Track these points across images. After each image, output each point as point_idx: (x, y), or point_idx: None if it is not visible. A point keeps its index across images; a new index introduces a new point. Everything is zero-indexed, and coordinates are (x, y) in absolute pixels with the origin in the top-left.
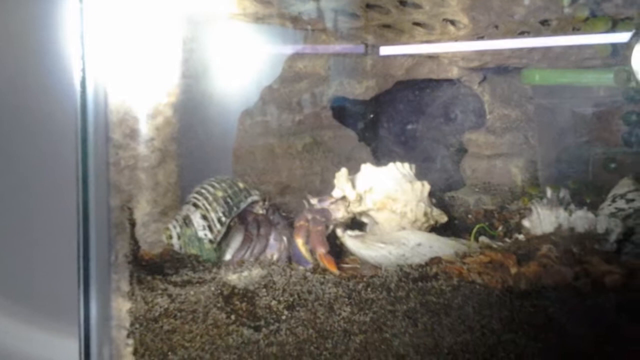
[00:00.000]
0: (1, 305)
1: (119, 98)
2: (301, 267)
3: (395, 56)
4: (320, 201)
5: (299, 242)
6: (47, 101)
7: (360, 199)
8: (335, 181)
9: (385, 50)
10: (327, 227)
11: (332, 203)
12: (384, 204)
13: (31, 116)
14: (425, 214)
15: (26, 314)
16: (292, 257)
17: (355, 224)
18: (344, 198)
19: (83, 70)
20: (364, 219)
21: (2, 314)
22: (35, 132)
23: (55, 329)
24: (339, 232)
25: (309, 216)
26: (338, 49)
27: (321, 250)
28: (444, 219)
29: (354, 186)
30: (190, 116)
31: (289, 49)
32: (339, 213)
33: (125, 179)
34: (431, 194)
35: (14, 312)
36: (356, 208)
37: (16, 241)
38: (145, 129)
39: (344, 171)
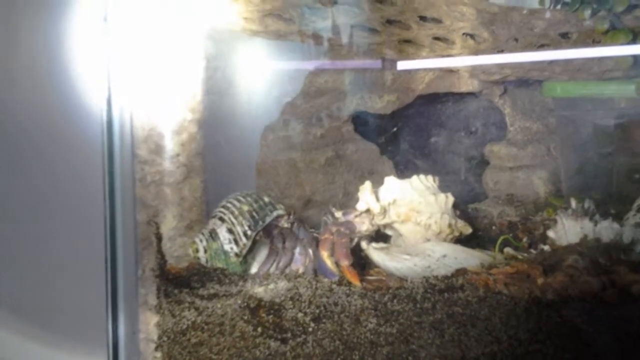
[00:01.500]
0: (31, 320)
1: (144, 115)
2: (326, 279)
3: (415, 70)
4: (344, 214)
5: (324, 254)
6: (73, 118)
7: (384, 211)
8: (360, 194)
9: (402, 65)
10: (351, 239)
11: (356, 216)
12: (408, 216)
13: (59, 133)
14: (450, 226)
15: (55, 327)
16: (317, 270)
17: (379, 236)
18: (368, 211)
19: (109, 88)
20: (388, 232)
21: (32, 327)
22: (63, 149)
23: (84, 342)
24: (363, 244)
25: (334, 229)
26: (356, 64)
27: (345, 262)
28: (468, 230)
29: (377, 199)
30: (214, 132)
31: (309, 65)
32: (364, 226)
33: (152, 194)
34: (455, 206)
35: (44, 326)
36: (380, 220)
37: (45, 256)
38: (170, 145)
39: (368, 184)
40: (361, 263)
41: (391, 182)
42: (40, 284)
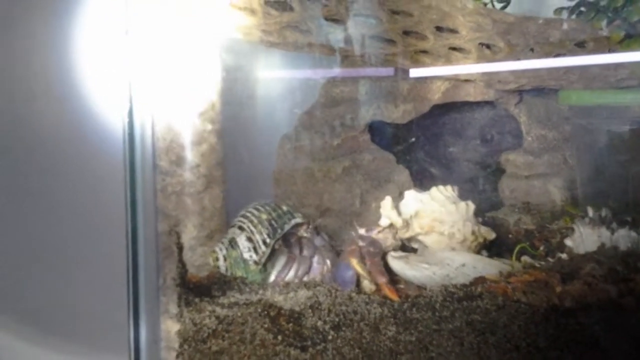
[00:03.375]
0: (53, 329)
1: (165, 126)
2: (347, 289)
3: (431, 80)
4: (367, 231)
5: (354, 261)
6: (96, 130)
7: (407, 224)
8: (381, 210)
9: (418, 74)
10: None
11: (379, 232)
12: (432, 227)
13: (81, 145)
14: (473, 233)
15: (77, 336)
16: (335, 280)
17: (406, 250)
18: (391, 226)
19: (130, 100)
20: (414, 245)
21: (54, 337)
22: (85, 160)
23: (105, 351)
24: (388, 258)
25: (360, 242)
26: (372, 74)
27: (382, 279)
28: (491, 235)
29: (399, 213)
30: (234, 142)
31: (326, 75)
32: (388, 241)
33: (172, 204)
34: (476, 213)
35: (66, 336)
36: (404, 234)
37: (68, 266)
38: (190, 155)
39: (388, 199)
40: None
41: (411, 195)
42: (62, 293)
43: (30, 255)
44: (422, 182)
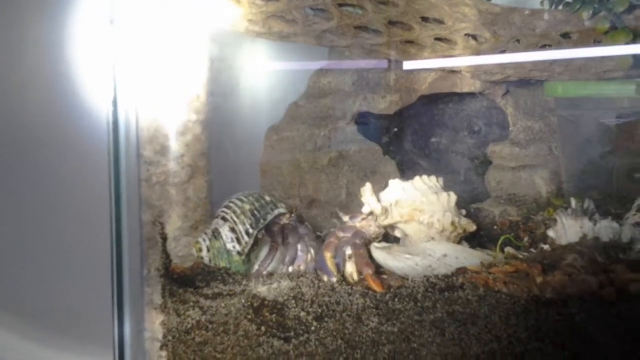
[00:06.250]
0: (37, 319)
1: (149, 116)
2: (327, 278)
3: (418, 71)
4: (351, 218)
5: (328, 255)
6: (80, 120)
7: (386, 211)
8: (362, 197)
9: (405, 65)
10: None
11: (363, 219)
12: (412, 215)
13: (65, 135)
14: (453, 224)
15: (62, 327)
16: (317, 268)
17: (389, 240)
18: (372, 213)
19: (115, 89)
20: (397, 234)
21: (38, 327)
22: (69, 150)
23: (90, 341)
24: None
25: (341, 234)
26: (359, 65)
27: (368, 271)
28: (472, 227)
29: (379, 200)
30: (219, 133)
31: (313, 66)
32: (371, 229)
33: (157, 194)
34: (459, 205)
35: (50, 326)
36: (383, 221)
37: (52, 257)
38: (175, 146)
39: (368, 186)
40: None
41: (394, 184)
42: (46, 284)
43: (12, 245)
44: (409, 173)
